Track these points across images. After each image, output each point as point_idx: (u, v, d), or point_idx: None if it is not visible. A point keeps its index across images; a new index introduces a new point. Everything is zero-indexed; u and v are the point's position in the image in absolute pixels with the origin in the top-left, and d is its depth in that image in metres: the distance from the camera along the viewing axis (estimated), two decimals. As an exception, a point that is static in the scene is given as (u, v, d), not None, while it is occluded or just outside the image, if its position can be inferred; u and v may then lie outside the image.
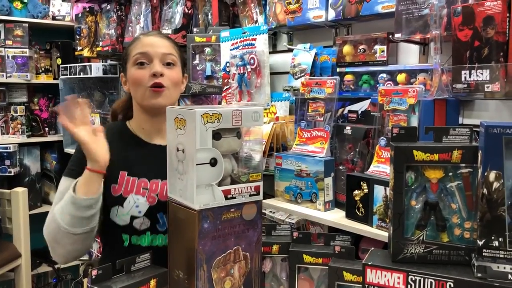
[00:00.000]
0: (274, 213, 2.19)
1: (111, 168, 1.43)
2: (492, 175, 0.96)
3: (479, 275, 0.97)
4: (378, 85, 1.83)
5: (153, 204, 1.49)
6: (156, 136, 1.58)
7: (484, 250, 0.97)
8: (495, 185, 0.96)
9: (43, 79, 4.02)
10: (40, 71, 4.01)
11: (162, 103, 1.49)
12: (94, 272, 1.07)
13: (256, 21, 2.47)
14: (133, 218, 1.47)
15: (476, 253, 0.98)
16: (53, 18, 4.07)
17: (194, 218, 1.09)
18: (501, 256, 0.96)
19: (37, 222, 1.45)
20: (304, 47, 2.17)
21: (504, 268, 0.96)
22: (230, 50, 2.39)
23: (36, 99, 4.06)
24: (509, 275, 0.95)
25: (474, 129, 1.07)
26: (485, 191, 0.96)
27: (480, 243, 0.97)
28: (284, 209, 1.89)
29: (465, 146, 1.04)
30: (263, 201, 1.93)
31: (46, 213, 1.46)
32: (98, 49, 3.51)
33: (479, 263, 0.97)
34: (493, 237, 0.96)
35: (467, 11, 1.43)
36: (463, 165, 1.04)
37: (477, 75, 1.39)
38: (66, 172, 1.53)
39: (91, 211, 1.36)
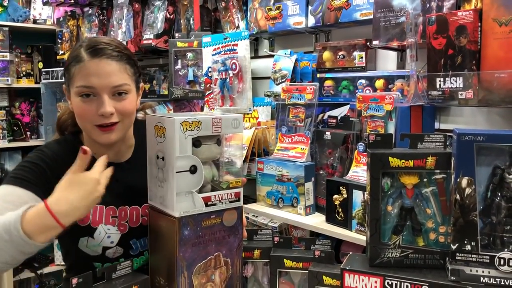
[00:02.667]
0: (256, 217, 2.21)
1: None
2: (464, 181, 0.99)
3: (453, 278, 1.00)
4: (357, 91, 1.86)
5: (124, 232, 1.37)
6: (110, 154, 1.33)
7: (457, 254, 1.00)
8: (467, 191, 0.99)
9: (25, 83, 3.97)
10: (21, 75, 3.97)
11: (113, 139, 1.31)
12: (75, 281, 1.07)
13: (238, 27, 2.48)
14: (105, 248, 1.37)
15: (450, 257, 1.01)
16: (34, 21, 4.02)
17: (174, 225, 1.10)
18: (474, 259, 0.99)
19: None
20: (285, 53, 2.19)
21: (477, 271, 0.98)
22: (212, 55, 2.41)
23: (17, 103, 4.01)
24: (481, 278, 0.98)
25: (449, 134, 1.10)
26: (458, 196, 0.99)
27: (454, 247, 1.00)
28: (266, 213, 1.91)
29: (439, 153, 1.06)
30: (245, 205, 1.95)
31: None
32: (80, 53, 3.49)
33: (453, 266, 1.00)
34: (465, 241, 0.99)
35: (441, 20, 1.47)
36: (437, 171, 1.07)
37: (451, 83, 1.43)
38: (14, 180, 1.23)
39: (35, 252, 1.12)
